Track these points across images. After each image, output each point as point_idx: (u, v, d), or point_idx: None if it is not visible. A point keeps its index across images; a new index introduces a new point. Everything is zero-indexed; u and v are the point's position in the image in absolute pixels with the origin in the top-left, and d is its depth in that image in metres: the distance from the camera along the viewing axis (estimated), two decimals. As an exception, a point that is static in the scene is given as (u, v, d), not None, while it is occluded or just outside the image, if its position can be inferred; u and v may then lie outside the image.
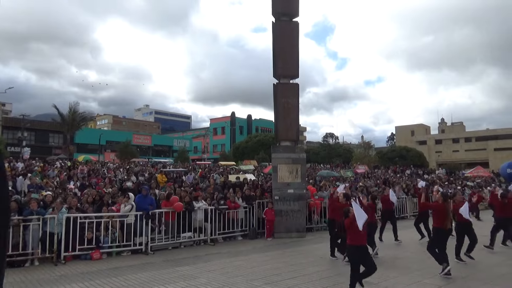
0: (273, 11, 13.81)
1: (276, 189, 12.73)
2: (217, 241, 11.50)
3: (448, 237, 7.63)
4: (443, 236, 7.55)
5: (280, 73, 13.64)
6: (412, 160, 55.99)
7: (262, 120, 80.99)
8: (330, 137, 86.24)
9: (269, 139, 51.57)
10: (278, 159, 13.05)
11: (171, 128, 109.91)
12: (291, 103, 13.46)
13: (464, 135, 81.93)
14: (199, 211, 11.13)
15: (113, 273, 7.66)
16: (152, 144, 68.36)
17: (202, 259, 9.12)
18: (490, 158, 71.68)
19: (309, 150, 55.92)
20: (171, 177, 20.05)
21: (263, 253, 9.88)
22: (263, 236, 12.28)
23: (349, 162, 52.81)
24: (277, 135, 13.78)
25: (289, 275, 7.37)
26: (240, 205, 12.23)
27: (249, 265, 8.34)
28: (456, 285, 6.67)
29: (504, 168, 31.26)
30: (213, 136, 78.00)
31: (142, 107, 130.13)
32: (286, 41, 13.61)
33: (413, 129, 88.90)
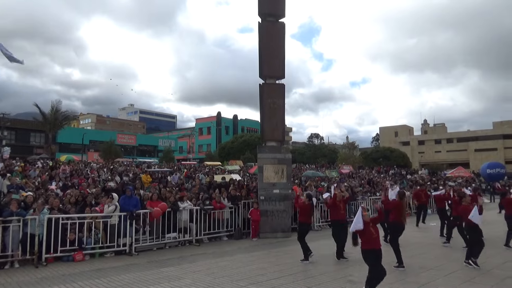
0: (259, 12, 13.83)
1: (262, 189, 12.74)
2: (203, 242, 11.44)
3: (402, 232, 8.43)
4: (400, 230, 8.38)
5: (266, 73, 13.66)
6: (396, 160, 56.78)
7: (248, 120, 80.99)
8: (315, 138, 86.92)
9: (255, 139, 51.62)
10: (264, 159, 13.07)
11: (156, 128, 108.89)
12: (277, 104, 13.49)
13: (446, 136, 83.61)
14: (184, 211, 11.06)
15: (96, 275, 7.54)
16: (136, 144, 67.60)
17: (187, 259, 9.06)
18: (470, 159, 73.37)
19: (294, 151, 56.22)
20: (156, 177, 19.86)
21: (248, 253, 9.88)
22: (249, 236, 12.28)
23: (334, 162, 53.28)
24: (263, 136, 13.80)
25: (275, 275, 7.38)
26: (225, 205, 12.20)
27: (235, 265, 8.33)
28: (437, 283, 6.79)
29: (484, 168, 31.97)
30: (198, 136, 77.60)
31: (126, 107, 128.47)
32: (272, 42, 13.64)
33: (397, 130, 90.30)
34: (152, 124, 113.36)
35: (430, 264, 8.29)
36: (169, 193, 11.90)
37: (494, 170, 30.40)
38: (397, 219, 8.37)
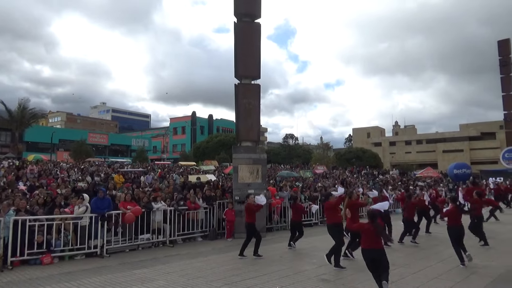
0: (235, 12, 13.81)
1: (237, 190, 12.73)
2: (176, 243, 11.31)
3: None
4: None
5: (242, 73, 13.66)
6: (368, 161, 58.07)
7: (223, 120, 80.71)
8: (290, 138, 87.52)
9: (230, 140, 51.50)
10: (239, 159, 13.07)
11: (129, 127, 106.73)
12: (253, 104, 13.52)
13: (415, 138, 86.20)
14: (158, 212, 10.90)
15: (66, 278, 7.31)
16: (108, 143, 66.05)
17: (161, 261, 8.94)
18: (438, 160, 76.00)
19: (269, 151, 56.48)
20: (129, 178, 19.49)
21: (223, 253, 9.85)
22: (224, 236, 12.24)
23: (308, 162, 53.90)
24: (238, 136, 13.80)
25: (249, 275, 7.39)
26: (200, 205, 12.12)
27: (209, 266, 8.28)
28: (407, 280, 7.00)
29: (451, 169, 33.24)
30: (173, 136, 76.68)
31: (98, 105, 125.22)
32: (248, 42, 13.65)
33: (369, 131, 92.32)
34: (125, 123, 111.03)
35: (399, 262, 8.53)
36: (143, 193, 11.70)
37: (460, 170, 31.66)
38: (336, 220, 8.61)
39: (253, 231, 9.21)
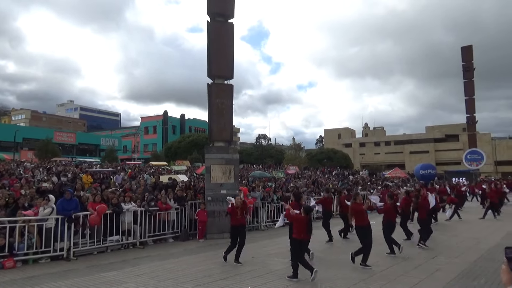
0: (208, 11, 13.72)
1: (209, 190, 12.65)
2: (147, 244, 11.10)
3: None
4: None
5: (215, 73, 13.59)
6: (339, 161, 59.20)
7: (195, 120, 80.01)
8: (263, 139, 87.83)
9: (203, 140, 51.13)
10: (211, 159, 12.99)
11: (99, 126, 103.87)
12: (225, 104, 13.47)
13: (384, 139, 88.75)
14: (127, 213, 10.66)
15: (29, 283, 7.02)
16: (76, 142, 64.02)
17: (130, 263, 8.75)
18: (406, 160, 78.54)
19: (242, 151, 56.50)
20: (98, 178, 18.95)
21: (195, 254, 9.76)
22: (195, 237, 12.13)
23: (280, 163, 54.28)
24: (210, 136, 13.71)
25: (221, 276, 7.36)
26: (171, 206, 11.95)
27: (180, 267, 8.18)
28: (375, 278, 7.18)
29: (418, 169, 34.38)
30: (144, 135, 75.24)
31: (65, 103, 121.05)
32: (221, 42, 13.60)
33: (340, 133, 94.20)
34: (94, 122, 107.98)
35: (369, 260, 8.73)
36: (112, 194, 11.41)
37: (426, 171, 32.80)
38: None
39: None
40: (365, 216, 8.33)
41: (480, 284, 6.75)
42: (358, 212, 8.34)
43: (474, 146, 39.50)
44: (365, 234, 8.10)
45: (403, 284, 6.74)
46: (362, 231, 8.17)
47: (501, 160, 72.59)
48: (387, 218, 9.42)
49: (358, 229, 8.27)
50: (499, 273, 2.36)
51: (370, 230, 8.17)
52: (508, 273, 2.25)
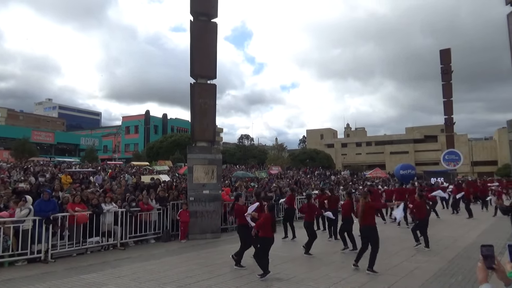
0: (191, 10, 13.63)
1: (191, 190, 12.57)
2: (128, 245, 10.95)
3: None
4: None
5: (198, 73, 13.52)
6: (321, 162, 59.69)
7: (178, 120, 79.32)
8: (245, 139, 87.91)
9: (185, 139, 50.69)
10: (194, 159, 12.91)
11: (78, 125, 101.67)
12: (208, 104, 13.41)
13: (365, 140, 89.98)
14: (108, 213, 10.49)
15: (5, 286, 6.82)
16: (55, 142, 62.47)
17: (111, 264, 8.61)
18: (386, 161, 79.88)
19: (225, 151, 56.34)
20: (77, 178, 18.57)
21: (176, 255, 9.68)
22: (177, 238, 12.03)
23: (263, 163, 54.38)
24: (193, 136, 13.62)
25: (203, 277, 7.33)
26: (153, 207, 11.82)
27: (162, 268, 8.10)
28: (354, 277, 7.28)
29: (398, 169, 34.95)
30: (125, 135, 74.13)
31: (44, 101, 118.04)
32: (204, 41, 13.53)
33: (322, 133, 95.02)
34: (73, 121, 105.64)
35: (350, 259, 8.85)
36: (92, 194, 11.20)
37: (406, 171, 33.39)
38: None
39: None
40: (374, 216, 8.18)
41: (457, 281, 6.93)
42: (369, 211, 7.97)
43: (451, 146, 40.50)
44: (375, 234, 7.78)
45: (383, 283, 6.86)
46: (373, 232, 7.80)
47: (477, 160, 74.67)
48: (344, 215, 10.16)
49: (368, 229, 7.80)
50: (475, 271, 2.43)
51: (377, 230, 7.90)
52: (483, 271, 2.32)
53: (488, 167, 72.27)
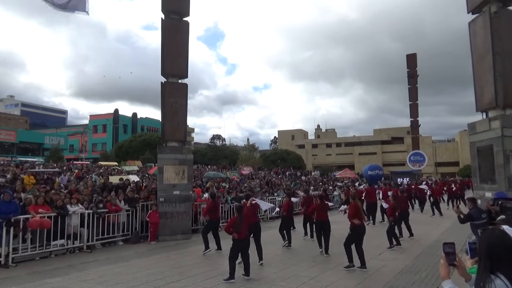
0: (163, 8, 13.42)
1: (162, 191, 12.38)
2: (95, 248, 10.63)
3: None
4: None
5: (169, 71, 13.33)
6: (292, 162, 60.31)
7: (148, 119, 77.90)
8: (217, 139, 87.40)
9: (155, 139, 49.83)
10: (164, 159, 12.72)
11: (43, 124, 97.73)
12: (179, 103, 13.25)
13: (335, 141, 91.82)
14: (74, 215, 10.14)
15: (-39, 293, 6.47)
16: (17, 140, 59.73)
17: (77, 268, 8.33)
18: (355, 161, 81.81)
19: (196, 151, 55.82)
20: (41, 179, 17.83)
21: (146, 257, 9.49)
22: (147, 240, 11.80)
23: (235, 163, 54.32)
24: (164, 135, 13.41)
25: (174, 278, 7.23)
26: (122, 208, 11.54)
27: (131, 271, 7.92)
28: (327, 275, 7.41)
29: (366, 170, 35.88)
30: (92, 134, 71.97)
31: (5, 98, 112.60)
32: (176, 40, 13.36)
33: (294, 134, 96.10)
34: (37, 120, 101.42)
35: (321, 258, 8.99)
36: (56, 195, 10.79)
37: (374, 171, 34.33)
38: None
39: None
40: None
41: (421, 278, 7.19)
42: (359, 211, 8.13)
43: (417, 148, 41.92)
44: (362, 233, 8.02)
45: (353, 280, 7.01)
46: (361, 231, 7.98)
47: (440, 161, 77.85)
48: (283, 214, 11.28)
49: (358, 229, 7.91)
50: (438, 267, 2.53)
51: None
52: (445, 267, 2.41)
53: (450, 168, 75.52)
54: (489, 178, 9.86)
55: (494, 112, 10.00)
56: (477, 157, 10.36)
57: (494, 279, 2.06)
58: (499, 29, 9.78)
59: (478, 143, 10.30)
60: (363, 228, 8.02)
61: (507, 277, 2.05)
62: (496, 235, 2.23)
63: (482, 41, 10.21)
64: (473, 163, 10.70)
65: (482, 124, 10.22)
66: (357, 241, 7.89)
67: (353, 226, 7.95)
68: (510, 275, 2.05)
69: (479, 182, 10.29)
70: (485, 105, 10.27)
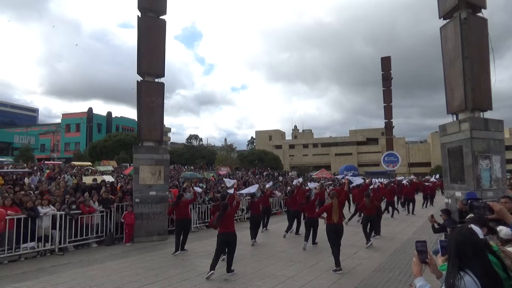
0: (139, 6, 13.21)
1: (137, 191, 12.18)
2: (67, 250, 10.34)
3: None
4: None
5: (145, 70, 13.13)
6: (269, 162, 60.50)
7: (123, 118, 76.36)
8: (194, 139, 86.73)
9: (131, 139, 48.92)
10: (140, 160, 12.52)
11: (12, 122, 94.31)
12: (156, 103, 13.08)
13: (312, 141, 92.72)
14: (45, 217, 9.83)
15: None
16: (-17, 139, 57.42)
17: (48, 271, 8.08)
18: (332, 162, 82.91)
19: (173, 151, 55.18)
20: (10, 179, 17.19)
21: (120, 259, 9.31)
22: (122, 241, 11.59)
23: (212, 164, 54.02)
24: (139, 135, 13.19)
25: (149, 280, 7.12)
26: (95, 209, 11.28)
27: (105, 273, 7.75)
28: (303, 274, 7.48)
29: (342, 170, 36.54)
30: (65, 133, 69.93)
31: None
32: (152, 38, 13.18)
33: (271, 134, 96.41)
34: (5, 118, 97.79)
35: (298, 258, 9.07)
36: (26, 196, 10.43)
37: (349, 172, 34.94)
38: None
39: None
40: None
41: (394, 275, 7.36)
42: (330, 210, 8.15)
43: (391, 149, 42.95)
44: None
45: (328, 280, 7.11)
46: (332, 230, 8.08)
47: (413, 162, 79.98)
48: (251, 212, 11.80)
49: (334, 227, 8.05)
50: (411, 265, 2.60)
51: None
52: (418, 265, 2.49)
53: (422, 168, 77.60)
54: (459, 178, 10.21)
55: (464, 115, 10.35)
56: (447, 157, 10.70)
57: (463, 276, 2.13)
58: (468, 35, 10.15)
59: (449, 144, 10.65)
60: (334, 227, 8.01)
61: (474, 273, 2.13)
62: (463, 233, 2.31)
63: (452, 46, 10.56)
64: (444, 164, 11.05)
65: (452, 126, 10.57)
66: (331, 241, 7.96)
67: (326, 224, 8.17)
68: (477, 272, 2.13)
69: (450, 182, 10.64)
70: (455, 107, 10.62)
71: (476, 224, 2.65)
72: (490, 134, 10.10)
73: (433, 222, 7.69)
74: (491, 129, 10.18)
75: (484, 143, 9.94)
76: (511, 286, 2.26)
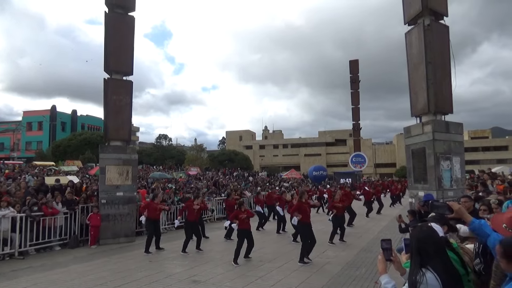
0: (106, 1, 12.86)
1: (103, 192, 11.85)
2: (28, 254, 9.90)
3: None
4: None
5: (112, 68, 12.80)
6: (240, 163, 60.52)
7: (89, 117, 74.05)
8: (163, 139, 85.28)
9: (97, 138, 47.55)
10: (106, 159, 12.19)
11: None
12: (123, 101, 12.77)
13: (282, 142, 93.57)
14: (3, 219, 9.37)
15: None
16: None
17: (7, 276, 7.70)
18: (301, 162, 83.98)
19: (141, 151, 54.17)
20: (-35, 180, 16.27)
21: (85, 262, 9.01)
22: (87, 244, 11.23)
23: (182, 164, 53.39)
24: (106, 134, 12.84)
25: (116, 283, 6.94)
26: (59, 210, 10.87)
27: (68, 277, 7.48)
28: (272, 274, 7.53)
29: (311, 171, 37.09)
30: (26, 131, 66.94)
31: None
32: (120, 34, 12.86)
33: (242, 135, 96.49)
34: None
35: (267, 258, 9.12)
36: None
37: (318, 172, 35.59)
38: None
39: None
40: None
41: (361, 273, 7.55)
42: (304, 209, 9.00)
43: (358, 150, 44.01)
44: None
45: (297, 279, 7.19)
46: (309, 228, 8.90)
47: (379, 162, 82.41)
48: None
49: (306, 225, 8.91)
50: (376, 263, 2.69)
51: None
52: (383, 263, 2.57)
53: (388, 169, 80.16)
54: (422, 178, 10.61)
55: (427, 117, 10.78)
56: (411, 158, 11.10)
57: (425, 272, 2.23)
58: (431, 41, 10.57)
59: (413, 145, 11.05)
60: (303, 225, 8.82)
61: (435, 270, 2.23)
62: (423, 231, 2.41)
63: (417, 51, 10.97)
64: (408, 165, 11.46)
65: (416, 128, 10.97)
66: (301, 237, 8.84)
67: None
68: (438, 268, 2.23)
69: (413, 182, 11.04)
70: (418, 110, 11.03)
71: (437, 223, 2.78)
72: (451, 137, 10.57)
73: (400, 222, 7.97)
74: (452, 131, 10.65)
75: (445, 145, 10.39)
76: (469, 282, 2.38)
